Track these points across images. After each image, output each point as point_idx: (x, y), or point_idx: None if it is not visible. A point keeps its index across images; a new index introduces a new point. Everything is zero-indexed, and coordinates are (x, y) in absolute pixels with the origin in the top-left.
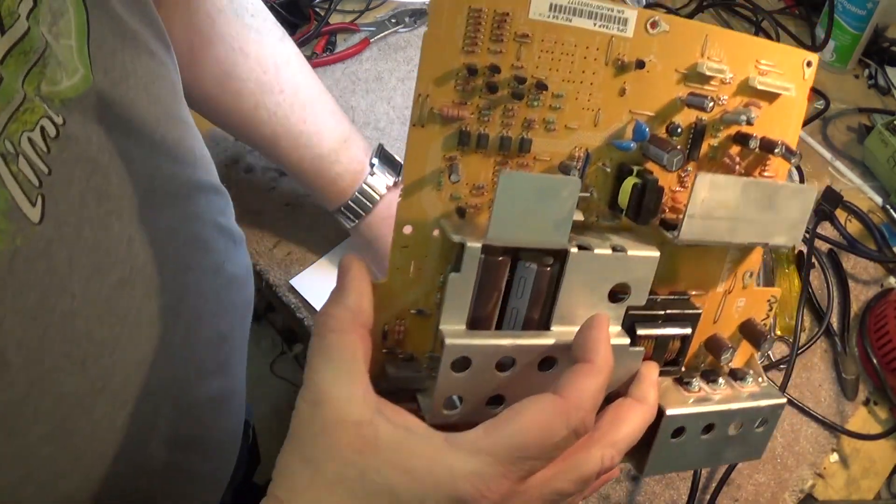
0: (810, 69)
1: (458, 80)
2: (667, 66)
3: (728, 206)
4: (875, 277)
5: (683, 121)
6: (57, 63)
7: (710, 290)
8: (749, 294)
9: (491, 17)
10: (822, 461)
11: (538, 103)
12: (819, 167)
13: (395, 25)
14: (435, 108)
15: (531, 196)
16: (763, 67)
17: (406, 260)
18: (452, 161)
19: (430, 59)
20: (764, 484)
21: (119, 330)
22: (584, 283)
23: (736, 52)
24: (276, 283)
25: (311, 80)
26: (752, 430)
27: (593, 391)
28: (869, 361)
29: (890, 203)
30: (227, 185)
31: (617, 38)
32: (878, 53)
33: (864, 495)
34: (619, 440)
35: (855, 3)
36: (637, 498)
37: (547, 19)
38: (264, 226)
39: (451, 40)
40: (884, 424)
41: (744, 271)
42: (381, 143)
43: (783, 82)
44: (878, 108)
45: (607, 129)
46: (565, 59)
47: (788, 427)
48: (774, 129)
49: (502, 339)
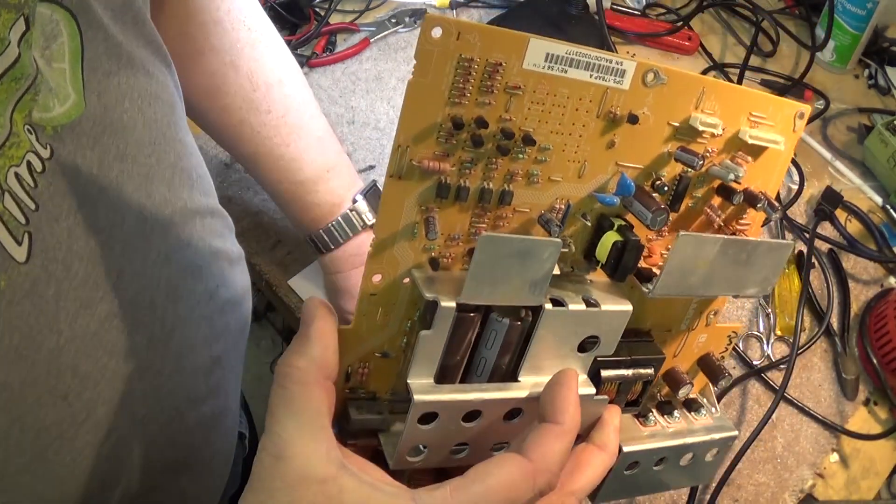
0: (801, 121)
1: (442, 133)
2: (659, 119)
3: (705, 263)
4: (875, 277)
5: (668, 173)
6: (48, 89)
7: (675, 329)
8: (711, 330)
9: (482, 68)
10: (822, 461)
11: (523, 156)
12: (819, 167)
13: (395, 25)
14: (414, 160)
15: (510, 257)
16: (755, 120)
17: (374, 307)
18: (430, 213)
19: (413, 109)
20: (764, 484)
21: (105, 362)
22: (555, 336)
23: (730, 105)
24: (275, 283)
25: (304, 102)
26: (703, 460)
27: (560, 452)
28: (869, 361)
29: (890, 203)
30: (227, 184)
31: (612, 91)
32: (878, 53)
33: (864, 495)
34: (578, 489)
35: (855, 3)
36: (637, 498)
37: (542, 70)
38: (264, 226)
39: (438, 90)
40: (884, 424)
41: (709, 311)
42: (376, 182)
43: (774, 135)
44: (878, 108)
45: (591, 182)
46: (556, 111)
47: (788, 427)
48: (757, 180)
49: (470, 394)
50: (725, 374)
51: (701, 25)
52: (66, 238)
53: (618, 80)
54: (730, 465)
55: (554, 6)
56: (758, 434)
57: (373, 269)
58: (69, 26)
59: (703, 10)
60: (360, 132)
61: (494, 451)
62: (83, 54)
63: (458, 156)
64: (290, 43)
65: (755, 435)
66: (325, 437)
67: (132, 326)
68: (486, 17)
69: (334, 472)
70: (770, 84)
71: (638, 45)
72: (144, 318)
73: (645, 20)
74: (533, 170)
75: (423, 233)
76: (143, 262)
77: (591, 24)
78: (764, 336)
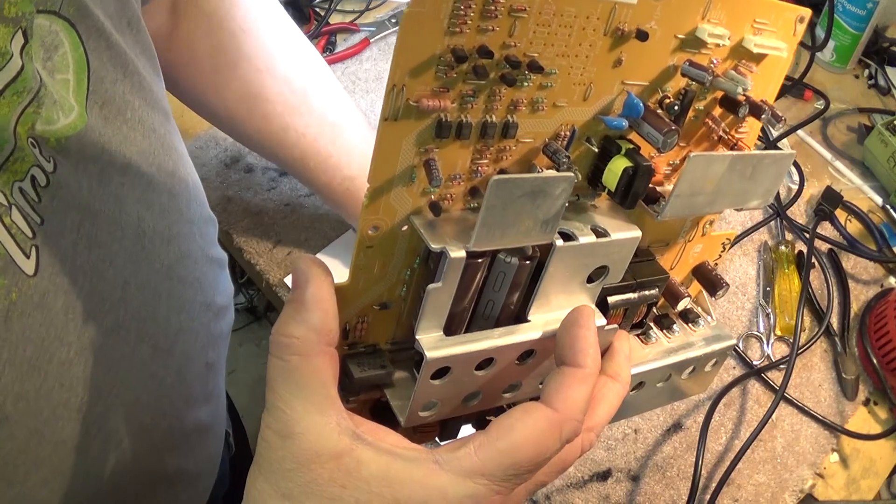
0: (802, 25)
1: (441, 67)
2: (666, 33)
3: (713, 181)
4: (875, 277)
5: (673, 88)
6: (52, 102)
7: (672, 243)
8: (706, 240)
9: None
10: (822, 461)
11: (528, 84)
12: (819, 167)
13: (395, 25)
14: (412, 99)
15: (522, 198)
16: (759, 27)
17: (371, 260)
18: (429, 156)
19: (409, 43)
20: (764, 484)
21: (113, 374)
22: (565, 271)
23: (735, 13)
24: (275, 283)
25: (339, 98)
26: (703, 371)
27: (585, 398)
28: (869, 361)
29: (890, 203)
30: (227, 184)
31: (620, 6)
32: (878, 53)
33: (864, 495)
34: (597, 423)
35: (855, 3)
36: (637, 498)
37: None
38: (264, 226)
39: (436, 20)
40: (884, 424)
41: (706, 221)
42: None
43: (777, 42)
44: (878, 108)
45: (596, 103)
46: (562, 33)
47: (788, 427)
48: (758, 88)
49: (482, 343)
50: (723, 283)
51: None
52: (70, 252)
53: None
54: (730, 465)
55: None
56: (758, 434)
57: (368, 221)
58: (70, 36)
59: None
60: None
61: (505, 394)
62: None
63: (458, 90)
64: None
65: (755, 435)
66: (334, 408)
67: (137, 337)
68: None
69: (349, 444)
70: None
71: None
72: (149, 328)
73: None
74: (537, 97)
75: (421, 176)
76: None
77: None
78: (764, 336)
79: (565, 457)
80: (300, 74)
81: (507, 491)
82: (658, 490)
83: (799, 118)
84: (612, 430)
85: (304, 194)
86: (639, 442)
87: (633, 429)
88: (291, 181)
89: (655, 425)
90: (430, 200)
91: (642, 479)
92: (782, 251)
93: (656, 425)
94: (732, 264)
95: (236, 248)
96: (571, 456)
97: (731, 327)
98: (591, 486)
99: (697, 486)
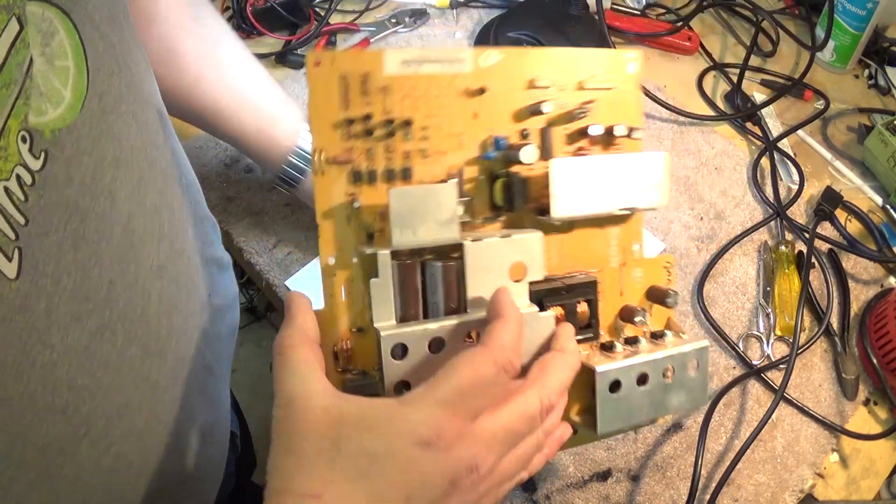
0: (635, 65)
1: (342, 131)
2: (507, 87)
3: (589, 182)
4: (875, 277)
5: (533, 127)
6: (39, 94)
7: (605, 267)
8: (643, 264)
9: (357, 79)
10: (822, 461)
11: (410, 136)
12: (819, 167)
13: (395, 25)
14: (329, 156)
15: (418, 204)
16: (588, 71)
17: (335, 287)
18: (353, 196)
19: (317, 120)
20: (764, 484)
21: (101, 375)
22: (484, 268)
23: (563, 66)
24: (275, 283)
25: (248, 54)
26: (687, 375)
27: (510, 336)
28: (869, 361)
29: (890, 203)
30: (227, 184)
31: (460, 76)
32: (878, 53)
33: (864, 495)
34: (549, 383)
35: (855, 3)
36: (637, 498)
37: (401, 72)
38: (264, 226)
39: (331, 102)
40: (884, 424)
41: (629, 244)
42: None
43: (607, 83)
44: (878, 108)
45: (472, 148)
46: (423, 99)
47: (788, 427)
48: (618, 117)
49: (429, 324)
50: (670, 292)
51: (701, 25)
52: (55, 252)
53: (461, 67)
54: (730, 465)
55: (554, 6)
56: (757, 434)
57: (326, 253)
58: (64, 23)
59: (703, 10)
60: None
61: None
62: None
63: (359, 146)
64: (289, 43)
65: (755, 435)
66: (321, 381)
67: (125, 339)
68: (486, 17)
69: (332, 400)
70: (770, 84)
71: (638, 45)
72: (138, 329)
73: (645, 20)
74: (422, 146)
75: (354, 213)
76: (135, 273)
77: (591, 24)
78: (764, 336)
79: (524, 403)
80: (214, 31)
81: (462, 414)
82: (658, 490)
83: (799, 118)
84: None
85: None
86: (639, 442)
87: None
88: None
89: (655, 425)
90: (367, 232)
91: (642, 479)
92: (782, 251)
93: (656, 425)
94: (732, 264)
95: (236, 248)
96: (531, 404)
97: (731, 327)
98: (591, 486)
99: (697, 486)
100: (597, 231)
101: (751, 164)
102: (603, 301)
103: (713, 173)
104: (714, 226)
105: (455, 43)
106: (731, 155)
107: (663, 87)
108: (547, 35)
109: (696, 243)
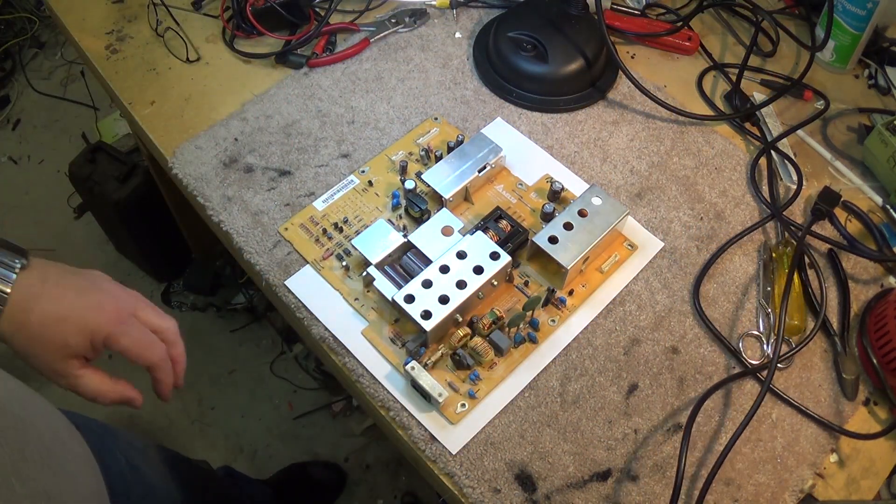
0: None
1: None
2: None
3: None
4: (875, 277)
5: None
6: None
7: (508, 203)
8: (529, 190)
9: None
10: (822, 461)
11: None
12: (819, 167)
13: (395, 25)
14: None
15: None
16: None
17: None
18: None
19: None
20: (764, 484)
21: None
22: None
23: None
24: (275, 283)
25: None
26: (594, 204)
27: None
28: (869, 361)
29: (890, 203)
30: (227, 184)
31: None
32: (878, 53)
33: (864, 495)
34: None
35: (855, 3)
36: (637, 498)
37: None
38: (264, 226)
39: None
40: (884, 424)
41: (515, 185)
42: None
43: None
44: (878, 108)
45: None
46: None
47: (788, 427)
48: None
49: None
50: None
51: (701, 25)
52: None
53: None
54: (718, 458)
55: (554, 6)
56: (746, 424)
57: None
58: None
59: (703, 10)
60: (360, 132)
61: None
62: None
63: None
64: (289, 43)
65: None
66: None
67: None
68: (486, 17)
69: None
70: (770, 84)
71: (638, 45)
72: None
73: (645, 20)
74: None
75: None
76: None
77: (590, 24)
78: (764, 336)
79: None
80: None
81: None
82: (658, 490)
83: (799, 118)
84: (612, 430)
85: (304, 194)
86: (639, 442)
87: (633, 429)
88: (291, 181)
89: (655, 425)
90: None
91: (642, 479)
92: (782, 251)
93: (656, 425)
94: (732, 264)
95: (236, 248)
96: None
97: (731, 327)
98: (591, 486)
99: (680, 486)
100: (489, 186)
101: (750, 164)
102: (514, 215)
103: (713, 173)
104: (714, 226)
105: (455, 43)
106: (730, 155)
107: (663, 87)
108: (547, 35)
109: (695, 243)
